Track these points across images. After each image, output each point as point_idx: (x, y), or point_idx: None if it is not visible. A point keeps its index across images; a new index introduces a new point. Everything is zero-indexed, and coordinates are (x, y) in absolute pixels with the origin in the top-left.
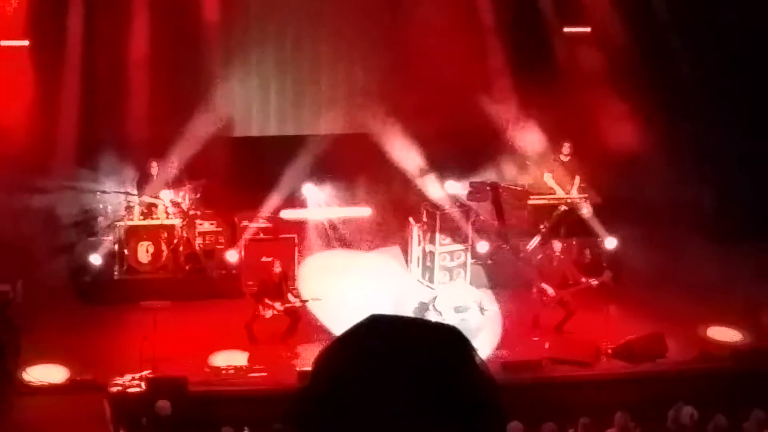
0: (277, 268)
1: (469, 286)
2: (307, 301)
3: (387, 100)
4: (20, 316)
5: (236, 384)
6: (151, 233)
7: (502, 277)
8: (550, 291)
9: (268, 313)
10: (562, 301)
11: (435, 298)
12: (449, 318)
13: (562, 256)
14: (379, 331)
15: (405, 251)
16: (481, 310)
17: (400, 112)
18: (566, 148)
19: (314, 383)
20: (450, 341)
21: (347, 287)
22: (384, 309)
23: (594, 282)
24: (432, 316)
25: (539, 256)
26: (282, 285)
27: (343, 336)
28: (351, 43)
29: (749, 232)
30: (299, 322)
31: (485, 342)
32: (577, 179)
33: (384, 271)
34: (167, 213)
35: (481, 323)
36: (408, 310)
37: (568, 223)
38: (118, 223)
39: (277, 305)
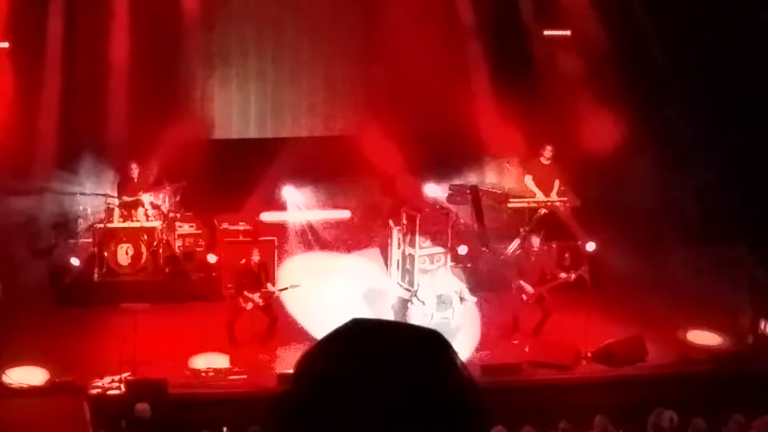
0: (256, 257)
1: (450, 274)
2: (286, 288)
3: (366, 102)
4: None
5: (216, 386)
6: (131, 235)
7: (482, 279)
8: (529, 288)
9: (249, 305)
10: (540, 297)
11: (416, 290)
12: (431, 306)
13: (540, 252)
14: (360, 334)
15: (384, 253)
16: (462, 300)
17: (379, 115)
18: (548, 150)
19: (295, 386)
20: (431, 344)
21: (327, 289)
22: (363, 309)
23: (572, 276)
24: (415, 306)
25: (518, 252)
26: (261, 274)
27: (324, 339)
28: (330, 45)
29: (729, 236)
30: (277, 322)
31: (465, 343)
32: (557, 182)
33: (363, 273)
34: (147, 215)
35: (462, 323)
36: (387, 308)
37: (548, 226)
38: (98, 225)
39: (256, 297)
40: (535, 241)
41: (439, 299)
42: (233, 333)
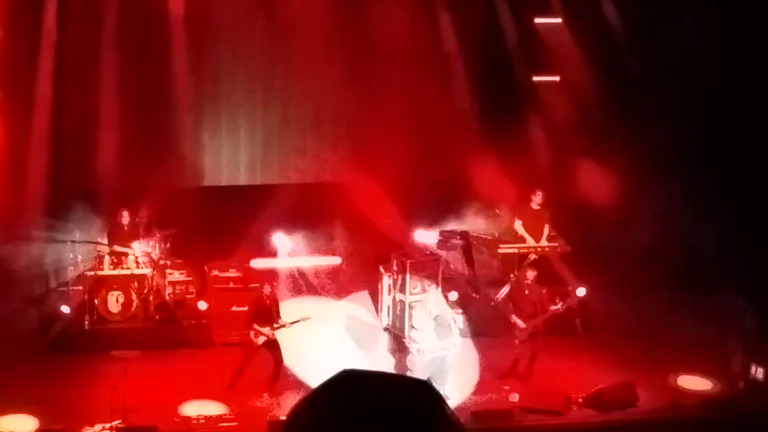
0: (267, 290)
1: (440, 295)
2: (297, 321)
3: (356, 149)
4: None
5: None
6: (122, 283)
7: (472, 325)
8: (521, 324)
9: (261, 339)
10: (533, 333)
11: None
12: (429, 332)
13: (533, 285)
14: (350, 386)
15: (374, 297)
16: (455, 326)
17: (369, 161)
18: (538, 196)
19: None
20: (420, 395)
21: (317, 334)
22: (354, 354)
23: (561, 307)
24: (410, 343)
25: (509, 284)
26: (273, 308)
27: (316, 390)
28: (320, 93)
29: (719, 281)
30: (282, 364)
31: (459, 388)
32: (547, 228)
33: (353, 317)
34: (137, 263)
35: (464, 355)
36: (381, 352)
37: (538, 272)
38: (89, 273)
39: (267, 330)
40: (530, 274)
41: (436, 321)
42: (238, 379)
